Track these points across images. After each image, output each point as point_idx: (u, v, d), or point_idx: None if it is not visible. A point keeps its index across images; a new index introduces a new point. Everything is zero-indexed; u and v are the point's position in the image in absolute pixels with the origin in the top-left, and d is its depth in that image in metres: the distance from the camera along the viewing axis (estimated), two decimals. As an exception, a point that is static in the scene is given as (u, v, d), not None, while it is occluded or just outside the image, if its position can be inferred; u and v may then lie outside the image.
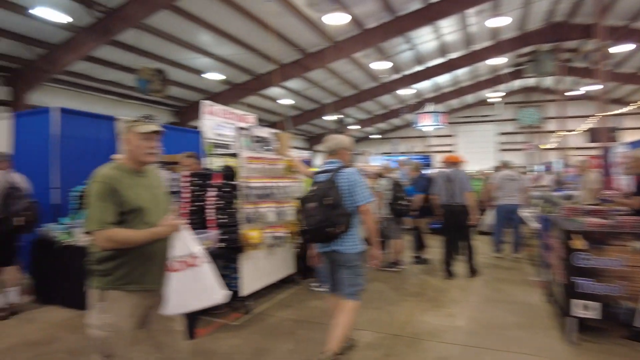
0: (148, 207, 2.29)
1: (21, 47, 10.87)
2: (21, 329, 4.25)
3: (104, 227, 2.13)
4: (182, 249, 2.28)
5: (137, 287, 2.26)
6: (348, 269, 3.36)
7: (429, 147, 27.54)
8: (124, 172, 2.29)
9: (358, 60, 16.18)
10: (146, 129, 2.29)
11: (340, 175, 3.32)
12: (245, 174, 4.73)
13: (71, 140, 5.87)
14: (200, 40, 12.51)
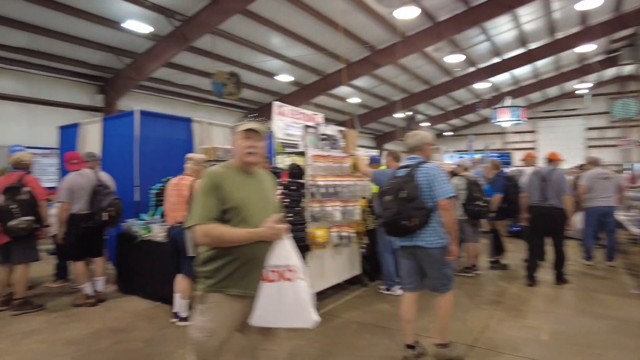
0: (251, 207, 2.20)
1: (113, 57, 11.87)
2: (105, 316, 4.56)
3: (203, 221, 2.10)
4: (280, 258, 2.12)
5: (237, 291, 2.17)
6: (433, 264, 3.35)
7: (507, 144, 25.83)
8: (232, 170, 2.26)
9: (430, 54, 15.57)
10: (244, 127, 2.25)
11: (420, 169, 3.31)
12: (312, 172, 4.66)
13: (150, 140, 6.21)
14: (271, 43, 12.79)
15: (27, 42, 10.42)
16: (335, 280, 5.12)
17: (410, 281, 3.52)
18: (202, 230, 2.10)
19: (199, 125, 7.00)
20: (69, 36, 10.43)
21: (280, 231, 2.12)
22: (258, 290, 2.13)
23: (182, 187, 4.23)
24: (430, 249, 3.28)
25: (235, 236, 2.11)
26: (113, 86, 12.89)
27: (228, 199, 2.15)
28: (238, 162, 2.29)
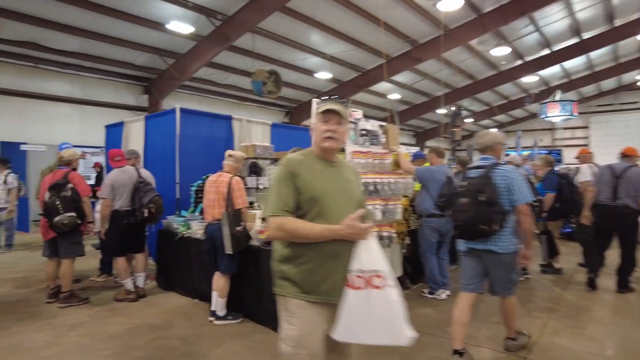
0: (330, 200, 1.95)
1: (157, 58, 12.17)
2: (144, 312, 4.58)
3: (277, 213, 1.90)
4: (366, 262, 1.84)
5: (317, 297, 1.92)
6: (503, 269, 3.26)
7: (557, 140, 24.42)
8: (310, 158, 2.04)
9: (474, 47, 14.91)
10: (322, 108, 2.02)
11: (497, 172, 3.19)
12: (351, 170, 4.46)
13: (190, 138, 6.24)
14: (310, 40, 12.67)
15: (80, 46, 10.88)
16: (375, 281, 4.88)
17: (471, 282, 3.40)
18: (275, 222, 1.91)
19: (238, 123, 6.97)
20: (116, 39, 10.79)
21: (363, 230, 1.83)
22: (342, 298, 1.87)
23: (220, 184, 4.15)
24: (502, 254, 3.18)
25: (310, 232, 1.86)
26: (157, 86, 13.23)
27: (305, 189, 1.92)
28: (316, 149, 2.06)
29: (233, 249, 3.95)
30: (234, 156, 4.30)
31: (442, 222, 4.94)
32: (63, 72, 11.70)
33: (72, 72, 11.83)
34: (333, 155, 2.09)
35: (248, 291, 4.29)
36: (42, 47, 10.53)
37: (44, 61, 11.16)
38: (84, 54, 11.26)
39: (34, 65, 11.16)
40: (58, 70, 11.57)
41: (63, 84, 11.80)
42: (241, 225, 4.05)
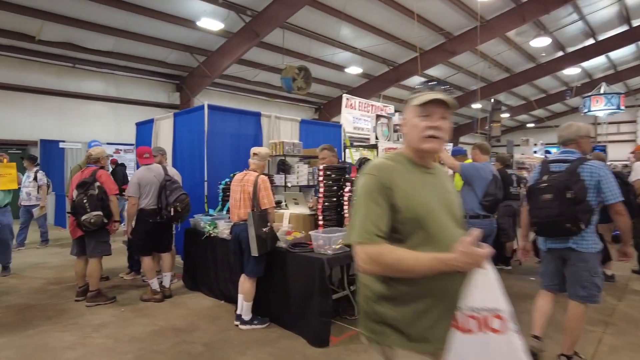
0: (436, 220, 1.52)
1: (188, 56, 12.20)
2: (169, 313, 4.45)
3: (369, 239, 1.43)
4: (481, 298, 1.42)
5: (430, 347, 1.51)
6: (585, 269, 3.08)
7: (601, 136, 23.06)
8: (403, 164, 1.57)
9: (512, 39, 14.17)
10: (422, 99, 1.53)
11: (584, 167, 2.99)
12: (383, 168, 4.16)
13: (218, 135, 6.08)
14: (340, 34, 12.36)
15: (114, 46, 11.02)
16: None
17: (554, 283, 3.31)
18: (366, 253, 1.43)
19: (267, 120, 6.77)
20: (148, 37, 10.86)
21: (481, 257, 1.40)
22: (448, 343, 1.45)
23: (246, 183, 3.95)
24: (585, 253, 3.03)
25: (417, 265, 1.41)
26: (188, 84, 13.29)
27: (405, 207, 1.48)
28: (410, 151, 1.60)
29: (259, 251, 3.74)
30: (259, 154, 4.08)
31: (485, 223, 4.57)
32: (99, 72, 11.92)
33: (107, 71, 12.03)
34: (430, 160, 1.63)
35: (275, 295, 4.08)
36: (78, 47, 10.74)
37: (80, 61, 11.40)
38: (117, 53, 11.41)
39: (72, 66, 11.41)
40: (94, 70, 11.79)
41: (98, 83, 12.02)
42: (268, 226, 3.83)
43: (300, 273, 3.79)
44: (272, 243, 3.88)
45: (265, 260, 3.96)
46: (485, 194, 4.50)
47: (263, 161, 4.09)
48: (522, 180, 6.75)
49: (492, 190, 4.49)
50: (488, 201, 4.48)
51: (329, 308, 3.62)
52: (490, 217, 4.60)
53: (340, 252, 3.77)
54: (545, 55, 16.10)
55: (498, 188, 4.55)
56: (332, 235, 3.76)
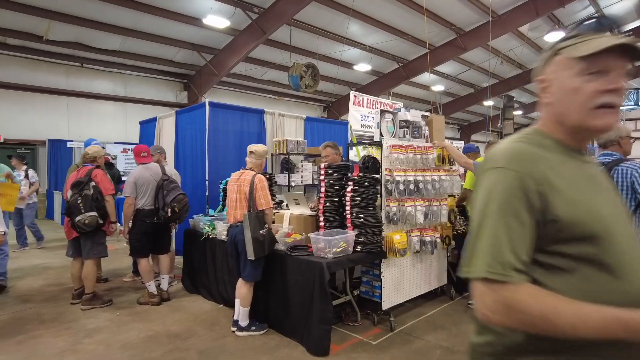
0: (617, 239, 0.95)
1: (195, 55, 12.04)
2: (166, 317, 4.25)
3: (503, 276, 0.89)
4: None
5: None
6: None
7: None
8: (549, 149, 1.03)
9: (525, 34, 13.71)
10: (591, 46, 0.95)
11: (619, 169, 2.78)
12: (388, 166, 3.89)
13: (220, 133, 5.89)
14: (349, 31, 12.07)
15: (121, 45, 10.92)
16: (415, 292, 4.30)
17: None
18: (498, 297, 0.89)
19: (271, 117, 6.55)
20: (154, 35, 10.73)
21: None
22: None
23: (242, 183, 3.73)
24: None
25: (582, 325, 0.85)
26: (196, 83, 13.15)
27: (569, 220, 0.92)
28: (561, 130, 1.04)
29: (255, 254, 3.52)
30: (255, 152, 3.86)
31: None
32: (107, 71, 11.84)
33: (115, 70, 11.96)
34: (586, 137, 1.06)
35: (274, 300, 3.85)
36: (86, 46, 10.67)
37: (89, 61, 11.33)
38: (125, 52, 11.32)
39: (80, 65, 11.34)
40: (102, 69, 11.72)
41: (107, 82, 11.95)
42: (265, 228, 3.61)
43: (299, 277, 3.56)
44: (270, 246, 3.65)
45: (262, 264, 3.74)
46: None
47: (260, 159, 3.87)
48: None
49: None
50: None
51: (330, 315, 3.38)
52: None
53: (341, 256, 3.53)
54: (560, 50, 15.57)
55: None
56: (333, 238, 3.52)
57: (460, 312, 4.39)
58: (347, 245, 3.62)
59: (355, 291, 4.16)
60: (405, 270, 4.16)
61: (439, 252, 4.54)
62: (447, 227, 4.57)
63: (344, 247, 3.59)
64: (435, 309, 4.45)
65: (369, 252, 3.71)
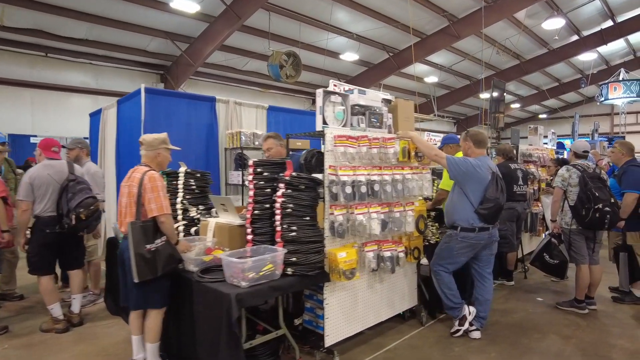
0: None
1: (169, 43, 11.07)
2: (64, 351, 3.35)
3: None
4: None
5: None
6: None
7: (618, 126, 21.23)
8: None
9: (521, 21, 12.66)
10: None
11: None
12: (333, 162, 2.96)
13: (159, 124, 4.95)
14: (333, 18, 11.08)
15: (87, 33, 9.97)
16: (374, 319, 3.39)
17: None
18: None
19: (224, 106, 5.62)
20: (123, 23, 9.78)
21: None
22: None
23: (132, 183, 2.82)
24: None
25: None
26: (172, 74, 12.19)
27: None
28: None
29: (139, 275, 2.62)
30: (144, 142, 2.96)
31: (483, 237, 3.35)
32: (75, 62, 10.89)
33: (85, 61, 11.01)
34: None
35: (184, 334, 2.94)
36: (49, 34, 9.71)
37: (54, 50, 10.39)
38: (93, 41, 10.36)
39: (44, 55, 10.41)
40: (70, 60, 10.77)
41: (75, 73, 11.01)
42: (158, 241, 2.70)
43: (207, 311, 2.65)
44: (167, 265, 2.73)
45: (163, 289, 2.83)
46: (484, 199, 3.26)
47: (154, 151, 2.96)
48: (530, 176, 5.46)
49: (492, 194, 3.24)
50: (487, 209, 3.24)
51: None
52: (489, 229, 3.37)
53: (262, 283, 2.60)
54: (559, 39, 14.48)
55: (500, 191, 3.29)
56: (252, 260, 2.60)
57: (430, 341, 3.46)
58: (275, 268, 2.70)
59: (297, 320, 3.26)
60: (360, 293, 3.24)
61: (404, 268, 3.62)
62: (415, 237, 3.63)
63: (270, 271, 2.67)
64: (401, 338, 3.52)
65: (303, 276, 2.78)
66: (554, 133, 7.34)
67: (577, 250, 4.07)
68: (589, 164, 4.17)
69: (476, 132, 3.57)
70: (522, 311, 4.13)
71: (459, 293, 3.51)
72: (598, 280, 4.13)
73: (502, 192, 3.28)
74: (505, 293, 4.69)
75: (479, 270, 3.51)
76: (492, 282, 3.56)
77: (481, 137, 3.48)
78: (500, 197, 3.24)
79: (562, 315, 4.03)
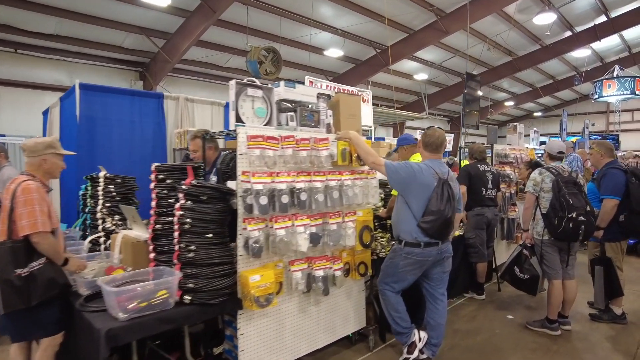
0: None
1: (145, 39, 10.58)
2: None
3: None
4: None
5: None
6: None
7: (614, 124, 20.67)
8: None
9: (512, 16, 12.13)
10: None
11: None
12: (247, 168, 2.47)
13: (97, 124, 4.50)
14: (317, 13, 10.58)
15: (55, 27, 9.48)
16: (306, 348, 2.90)
17: None
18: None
19: (173, 103, 5.14)
20: (94, 17, 9.28)
21: None
22: None
23: (7, 195, 2.33)
24: None
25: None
26: (151, 71, 11.70)
27: None
28: None
29: (5, 306, 2.16)
30: (26, 148, 2.47)
31: (430, 253, 2.85)
32: (47, 58, 10.41)
33: (58, 57, 10.52)
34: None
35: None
36: (17, 29, 9.24)
37: (23, 46, 9.91)
38: (65, 37, 9.88)
39: (13, 51, 9.94)
40: (41, 56, 10.29)
41: (48, 70, 10.53)
42: (34, 264, 2.22)
43: (85, 344, 2.18)
44: (47, 291, 2.25)
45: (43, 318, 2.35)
46: (426, 210, 2.76)
47: (38, 157, 2.46)
48: (506, 179, 4.97)
49: (434, 206, 2.72)
50: (428, 223, 2.73)
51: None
52: (438, 244, 2.86)
53: (146, 315, 2.12)
54: (551, 35, 13.94)
55: (446, 201, 2.76)
56: (136, 286, 2.12)
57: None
58: (169, 295, 2.23)
59: (217, 348, 2.78)
60: (288, 319, 2.75)
61: (348, 286, 3.14)
62: (361, 251, 3.15)
63: (162, 298, 2.20)
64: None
65: (204, 305, 2.30)
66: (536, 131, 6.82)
67: (549, 263, 3.58)
68: (564, 166, 3.67)
69: (428, 132, 3.07)
70: (487, 332, 3.65)
71: (407, 316, 3.03)
72: (573, 297, 3.64)
73: (449, 202, 2.76)
74: (473, 309, 4.20)
75: (430, 290, 3.02)
76: (445, 303, 3.07)
77: (432, 138, 2.96)
78: (445, 209, 2.73)
79: (531, 337, 3.54)
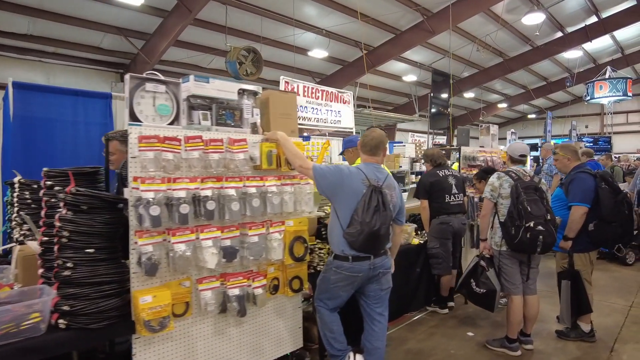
0: None
1: (123, 40, 10.32)
2: None
3: None
4: None
5: None
6: None
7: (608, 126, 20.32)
8: None
9: (501, 16, 11.82)
10: None
11: None
12: (138, 173, 2.15)
13: (36, 125, 4.19)
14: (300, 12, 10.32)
15: (29, 27, 9.21)
16: (224, 375, 2.57)
17: None
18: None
19: (122, 103, 4.82)
20: (68, 17, 9.02)
21: None
22: None
23: None
24: None
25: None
26: (131, 72, 11.41)
27: None
28: None
29: None
30: None
31: (361, 268, 2.53)
32: (22, 59, 10.13)
33: (33, 58, 10.24)
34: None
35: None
36: (-11, 29, 8.98)
37: (-2, 46, 9.65)
38: (40, 37, 9.61)
39: (-15, 52, 9.68)
40: (16, 57, 10.01)
41: (23, 71, 10.22)
42: None
43: None
44: None
45: None
46: (351, 220, 2.44)
47: None
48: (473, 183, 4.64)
49: (359, 215, 2.39)
50: (351, 234, 2.41)
51: None
52: (370, 258, 2.53)
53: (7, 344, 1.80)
54: (542, 35, 13.63)
55: (374, 211, 2.42)
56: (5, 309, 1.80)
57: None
58: (42, 319, 1.91)
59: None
60: (200, 343, 2.43)
61: (281, 303, 2.81)
62: (294, 265, 2.82)
63: (34, 322, 1.88)
64: (268, 395, 2.72)
65: (83, 330, 1.98)
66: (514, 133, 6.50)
67: (508, 277, 3.25)
68: (525, 171, 3.34)
69: (367, 132, 2.74)
70: (442, 352, 3.31)
71: (343, 337, 2.70)
72: (535, 313, 3.31)
73: (377, 212, 2.42)
74: (433, 325, 3.86)
75: (367, 309, 2.69)
76: (384, 325, 2.73)
77: (367, 138, 2.64)
78: (372, 220, 2.39)
79: (489, 357, 3.21)
